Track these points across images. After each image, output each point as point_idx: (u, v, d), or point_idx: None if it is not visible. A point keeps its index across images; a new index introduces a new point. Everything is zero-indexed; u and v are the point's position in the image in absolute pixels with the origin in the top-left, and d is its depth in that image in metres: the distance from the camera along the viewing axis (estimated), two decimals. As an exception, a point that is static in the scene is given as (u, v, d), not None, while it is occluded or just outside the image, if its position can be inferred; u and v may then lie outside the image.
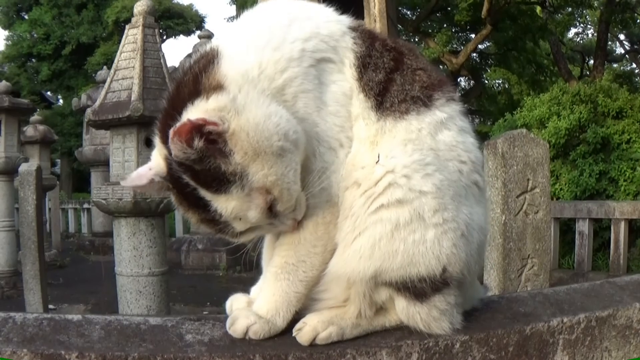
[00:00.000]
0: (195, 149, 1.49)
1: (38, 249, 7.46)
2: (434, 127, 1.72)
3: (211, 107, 1.53)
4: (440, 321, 1.75)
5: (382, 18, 5.60)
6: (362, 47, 1.73)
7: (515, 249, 4.35)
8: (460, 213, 1.68)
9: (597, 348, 2.03)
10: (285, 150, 1.56)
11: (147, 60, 6.92)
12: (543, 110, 12.10)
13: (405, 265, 1.63)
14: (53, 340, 1.65)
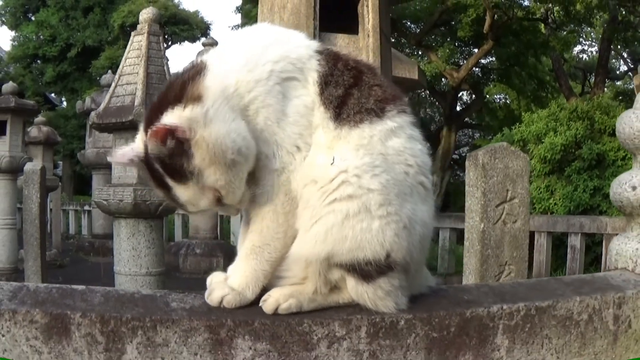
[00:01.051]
0: (167, 148, 1.82)
1: (40, 246, 7.66)
2: (385, 135, 1.98)
3: (186, 115, 1.83)
4: (385, 300, 2.01)
5: (375, 33, 5.75)
6: (326, 67, 2.00)
7: (493, 256, 4.51)
8: (403, 208, 1.94)
9: (537, 335, 2.24)
10: (236, 162, 1.87)
11: (151, 67, 7.11)
12: (540, 126, 12.24)
13: (353, 249, 1.89)
14: (60, 304, 1.95)
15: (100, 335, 1.91)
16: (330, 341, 2.02)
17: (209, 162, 1.83)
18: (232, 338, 1.95)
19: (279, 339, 1.98)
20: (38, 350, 1.90)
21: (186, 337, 1.94)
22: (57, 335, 1.90)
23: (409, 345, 2.07)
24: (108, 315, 1.92)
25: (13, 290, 2.02)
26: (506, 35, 19.16)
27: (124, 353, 1.92)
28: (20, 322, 1.89)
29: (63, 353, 1.90)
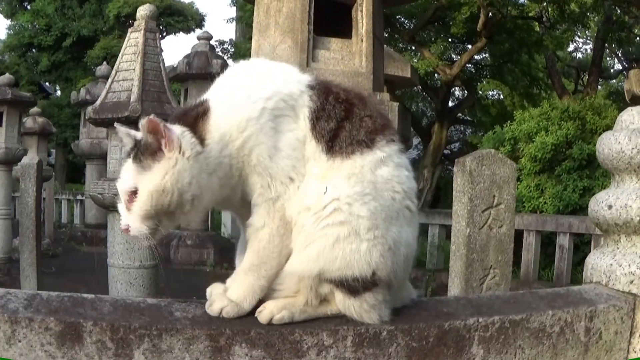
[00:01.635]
0: (148, 137, 2.04)
1: (36, 238, 7.76)
2: (374, 164, 2.12)
3: (186, 139, 2.05)
4: (370, 313, 2.17)
5: (368, 38, 5.84)
6: (317, 102, 2.14)
7: (478, 260, 4.63)
8: (389, 232, 2.10)
9: (510, 345, 2.39)
10: (181, 204, 2.06)
11: (147, 64, 7.20)
12: (531, 125, 12.34)
13: (342, 267, 2.05)
14: (73, 312, 2.09)
15: (110, 342, 2.05)
16: (319, 349, 2.17)
17: (153, 186, 2.02)
18: (230, 345, 2.11)
19: (273, 347, 2.13)
20: (52, 355, 2.03)
21: (189, 344, 2.09)
22: (70, 341, 2.03)
23: (391, 354, 2.22)
24: (118, 324, 2.06)
25: (27, 298, 2.15)
26: (500, 33, 19.20)
27: (131, 358, 2.06)
28: (36, 329, 2.02)
29: (75, 358, 2.04)
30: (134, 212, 2.03)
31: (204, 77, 13.17)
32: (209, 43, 14.05)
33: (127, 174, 2.06)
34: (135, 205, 2.03)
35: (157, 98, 7.28)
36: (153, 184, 2.00)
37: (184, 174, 2.01)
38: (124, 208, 2.07)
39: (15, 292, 2.19)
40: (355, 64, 5.90)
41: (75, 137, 21.17)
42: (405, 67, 12.25)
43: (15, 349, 2.02)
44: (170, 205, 2.03)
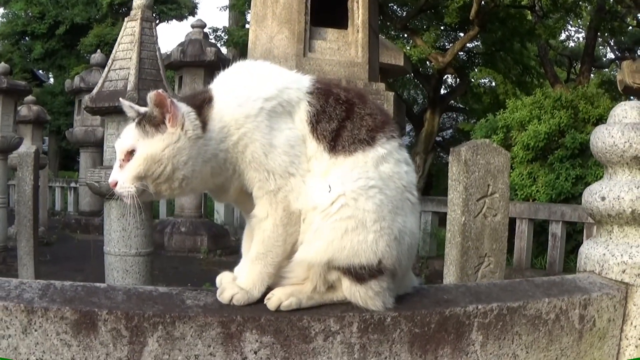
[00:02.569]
0: (153, 109, 2.14)
1: (33, 227, 7.81)
2: (376, 161, 2.23)
3: (192, 116, 2.16)
4: (374, 300, 2.26)
5: (364, 28, 5.89)
6: (317, 106, 2.24)
7: (473, 248, 4.71)
8: (395, 222, 2.19)
9: (508, 332, 2.48)
10: (150, 176, 2.15)
11: (144, 52, 7.25)
12: (524, 113, 12.36)
13: (350, 256, 2.14)
14: (87, 301, 2.17)
15: (125, 330, 2.12)
16: (326, 335, 2.26)
17: (150, 151, 2.12)
18: (241, 332, 2.19)
19: (282, 333, 2.22)
20: (67, 343, 2.10)
21: (201, 331, 2.17)
22: (85, 330, 2.11)
23: (394, 339, 2.32)
24: (132, 312, 2.14)
25: (42, 288, 2.22)
26: (492, 22, 19.21)
27: (145, 345, 2.13)
28: (52, 319, 2.10)
29: (90, 346, 2.11)
30: (126, 170, 2.14)
31: (198, 65, 13.33)
32: (202, 31, 14.04)
33: (128, 135, 2.18)
34: (129, 165, 2.14)
35: (154, 86, 7.29)
36: (151, 151, 2.11)
37: (182, 151, 2.12)
38: (117, 165, 2.18)
39: (29, 282, 2.27)
40: (351, 54, 5.95)
41: (69, 125, 21.11)
42: (398, 55, 12.30)
43: (31, 338, 2.09)
44: (161, 176, 2.13)
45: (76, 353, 2.11)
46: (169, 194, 2.22)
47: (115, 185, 2.16)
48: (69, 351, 2.11)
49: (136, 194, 2.15)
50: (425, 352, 2.36)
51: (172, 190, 2.19)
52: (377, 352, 2.30)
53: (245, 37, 18.87)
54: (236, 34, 20.94)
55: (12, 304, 2.10)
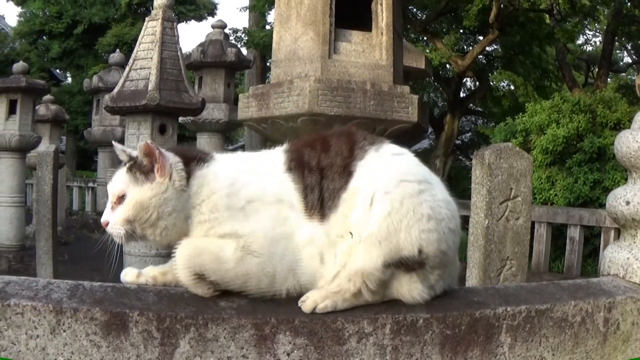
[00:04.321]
0: (143, 159, 2.24)
1: (52, 226, 7.85)
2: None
3: (179, 166, 2.26)
4: (421, 292, 2.29)
5: (388, 31, 5.88)
6: (300, 182, 2.28)
7: (496, 251, 4.71)
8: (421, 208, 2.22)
9: (536, 334, 2.48)
10: (154, 226, 2.25)
11: (165, 52, 7.28)
12: (543, 117, 12.35)
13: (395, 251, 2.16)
14: (118, 302, 2.18)
15: (156, 332, 2.14)
16: (360, 337, 2.26)
17: (140, 198, 2.22)
18: (275, 334, 2.20)
19: (316, 335, 2.23)
20: (97, 344, 2.11)
21: (234, 333, 2.17)
22: (115, 331, 2.12)
23: (426, 340, 2.32)
24: (164, 314, 2.15)
25: (70, 288, 2.23)
26: (511, 25, 19.15)
27: (177, 347, 2.15)
28: (81, 319, 2.11)
29: (121, 347, 2.12)
30: (117, 213, 2.23)
31: (219, 66, 13.25)
32: (223, 31, 13.98)
33: (120, 180, 2.26)
34: (120, 208, 2.23)
35: (175, 87, 7.36)
36: (140, 198, 2.22)
37: (168, 202, 2.22)
38: (109, 206, 2.27)
39: (57, 282, 2.28)
40: (375, 56, 5.95)
41: (87, 125, 21.18)
42: (419, 58, 12.28)
43: (59, 339, 2.10)
44: (147, 222, 2.22)
45: (105, 354, 2.12)
46: (152, 239, 2.30)
47: (106, 225, 2.26)
48: (98, 352, 2.12)
49: (125, 236, 2.25)
50: (456, 354, 2.36)
51: (154, 236, 2.28)
52: (409, 353, 2.31)
53: (266, 38, 18.91)
54: (256, 35, 20.90)
55: (41, 304, 2.12)
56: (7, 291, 2.17)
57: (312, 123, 5.71)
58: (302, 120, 5.71)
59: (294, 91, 5.69)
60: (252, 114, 6.15)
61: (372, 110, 5.72)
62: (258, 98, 6.08)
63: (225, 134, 14.36)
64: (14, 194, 11.47)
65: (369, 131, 5.70)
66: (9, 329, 2.11)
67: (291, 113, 5.73)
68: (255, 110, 6.10)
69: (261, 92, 6.12)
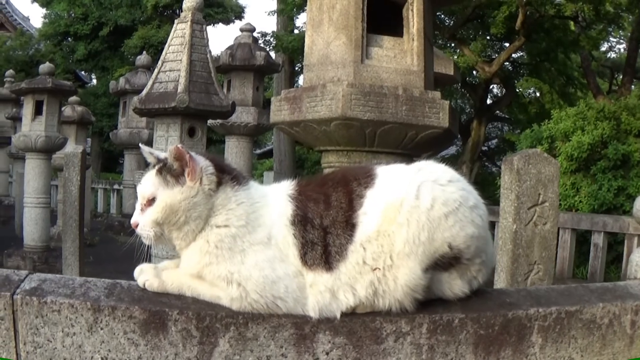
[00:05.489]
0: (173, 162, 2.27)
1: (79, 227, 7.90)
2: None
3: (210, 170, 2.30)
4: (461, 286, 2.36)
5: (419, 37, 5.88)
6: (301, 237, 2.28)
7: (524, 255, 4.73)
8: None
9: (565, 335, 2.51)
10: (168, 223, 2.28)
11: (194, 55, 7.32)
12: (568, 124, 12.31)
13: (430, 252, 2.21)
14: (156, 301, 2.21)
15: (195, 330, 2.17)
16: (397, 336, 2.30)
17: (170, 201, 2.25)
18: (314, 333, 2.23)
19: (355, 334, 2.26)
20: (135, 342, 2.15)
21: (274, 332, 2.21)
22: (154, 329, 2.16)
23: (461, 340, 2.36)
24: (204, 313, 2.19)
25: (107, 287, 2.28)
26: (537, 32, 19.12)
27: (216, 346, 2.18)
28: (119, 318, 2.15)
29: (159, 345, 2.16)
30: (147, 214, 2.26)
31: (247, 69, 13.25)
32: (252, 35, 13.97)
33: (149, 183, 2.29)
34: (150, 210, 2.26)
35: (205, 89, 7.40)
36: (170, 201, 2.25)
37: (197, 207, 2.25)
38: (139, 208, 2.30)
39: (93, 280, 2.32)
40: (407, 62, 5.95)
41: (112, 127, 21.26)
42: (448, 64, 12.24)
43: (96, 337, 2.14)
44: (175, 224, 2.25)
45: (143, 352, 2.15)
46: (175, 242, 2.31)
47: (136, 226, 2.29)
48: (136, 350, 2.15)
49: (154, 238, 2.28)
50: (489, 354, 2.39)
51: (178, 240, 2.30)
52: (444, 352, 2.34)
53: (295, 42, 18.90)
54: (285, 39, 20.88)
55: (78, 301, 2.16)
56: (44, 289, 2.21)
57: (345, 127, 5.73)
58: (335, 124, 5.73)
59: (327, 95, 5.70)
60: (285, 117, 6.16)
61: (404, 115, 5.72)
62: (290, 101, 6.09)
63: (253, 137, 14.35)
64: (39, 195, 11.50)
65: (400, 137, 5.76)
66: (45, 327, 2.15)
67: (324, 117, 5.74)
68: (287, 114, 6.12)
69: (294, 95, 6.13)
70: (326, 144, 6.14)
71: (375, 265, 2.21)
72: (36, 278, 2.30)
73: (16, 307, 2.16)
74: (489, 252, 2.44)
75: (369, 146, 5.89)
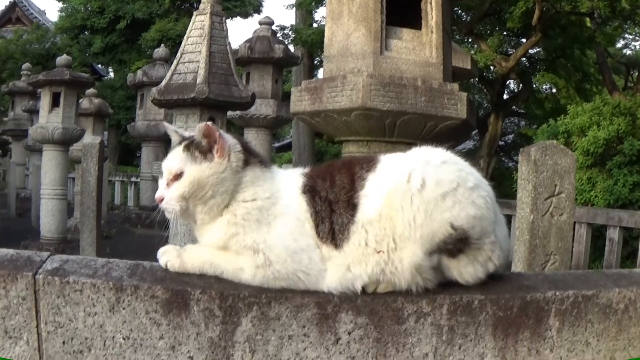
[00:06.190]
0: (201, 138, 2.34)
1: (96, 218, 7.95)
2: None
3: (237, 148, 2.38)
4: (470, 271, 2.36)
5: (438, 30, 5.92)
6: (312, 207, 2.34)
7: (540, 246, 4.77)
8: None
9: (582, 319, 2.52)
10: (196, 197, 2.33)
11: (214, 46, 7.36)
12: (584, 119, 12.31)
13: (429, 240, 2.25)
14: (179, 281, 2.24)
15: (218, 310, 2.19)
16: (418, 316, 2.32)
17: (198, 176, 2.30)
18: (337, 313, 2.26)
19: (376, 314, 2.28)
20: (157, 322, 2.18)
21: (297, 311, 2.23)
22: (176, 309, 2.18)
23: (480, 321, 2.38)
24: (227, 292, 2.21)
25: (130, 267, 2.31)
26: (553, 28, 19.08)
27: (238, 325, 2.20)
28: (142, 297, 2.18)
29: (181, 325, 2.18)
30: (173, 189, 2.31)
31: (266, 62, 13.31)
32: (270, 28, 14.00)
33: (176, 158, 2.34)
34: (176, 185, 2.31)
35: (225, 80, 7.43)
36: (198, 176, 2.30)
37: (224, 182, 2.30)
38: (164, 183, 2.35)
39: (116, 261, 2.36)
40: (426, 54, 5.99)
41: (129, 119, 21.28)
42: (465, 58, 12.25)
43: (118, 316, 2.17)
44: (202, 198, 2.29)
45: (165, 332, 2.18)
46: (199, 216, 2.35)
47: (161, 200, 2.34)
48: (157, 330, 2.17)
49: (179, 212, 2.32)
50: (507, 336, 2.41)
51: (202, 214, 2.33)
52: (464, 334, 2.36)
53: (314, 36, 18.88)
54: (304, 33, 20.82)
55: (100, 281, 2.18)
56: (66, 269, 2.24)
57: (365, 117, 5.77)
58: (356, 114, 5.77)
59: (347, 86, 5.74)
60: (305, 107, 6.21)
61: (423, 106, 5.76)
62: (311, 92, 6.14)
63: (272, 130, 14.42)
64: (56, 187, 11.56)
65: (420, 127, 5.80)
66: (67, 306, 2.18)
67: (344, 107, 5.79)
68: (308, 104, 6.16)
69: (314, 86, 6.18)
70: (346, 134, 6.19)
71: (379, 248, 2.25)
72: (58, 259, 2.33)
73: (38, 287, 2.19)
74: (500, 234, 2.43)
75: (389, 136, 5.92)
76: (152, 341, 2.18)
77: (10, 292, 2.19)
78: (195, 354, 2.19)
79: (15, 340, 2.19)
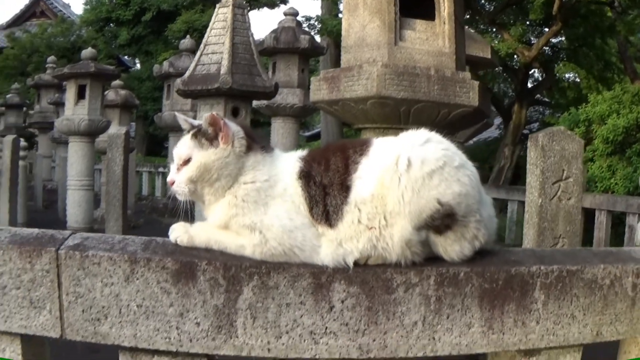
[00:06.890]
0: (208, 127, 2.50)
1: (122, 207, 8.14)
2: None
3: (240, 134, 2.52)
4: (454, 247, 2.50)
5: (450, 20, 6.01)
6: (306, 192, 2.49)
7: (549, 229, 4.94)
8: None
9: (567, 293, 2.63)
10: (203, 180, 2.50)
11: (237, 38, 7.53)
12: (604, 108, 12.38)
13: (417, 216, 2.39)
14: (187, 253, 2.43)
15: (222, 279, 2.37)
16: (407, 287, 2.46)
17: (204, 161, 2.47)
18: (330, 282, 2.41)
19: (367, 284, 2.43)
20: (167, 291, 2.36)
21: (294, 281, 2.39)
22: (184, 279, 2.36)
23: (466, 293, 2.51)
24: (230, 263, 2.39)
25: (144, 242, 2.50)
26: (574, 17, 19.06)
27: (241, 294, 2.37)
28: (153, 268, 2.36)
29: (189, 293, 2.36)
30: (182, 173, 2.49)
31: (292, 52, 13.44)
32: (295, 19, 14.09)
33: (185, 145, 2.53)
34: (185, 169, 2.49)
35: (248, 71, 7.60)
36: (204, 160, 2.46)
37: (228, 166, 2.47)
38: (175, 168, 2.53)
39: (131, 237, 2.55)
40: (439, 44, 6.09)
41: (156, 110, 21.35)
42: (485, 48, 12.29)
43: (132, 286, 2.36)
44: (208, 181, 2.47)
45: (174, 300, 2.35)
46: (206, 197, 2.52)
47: (172, 184, 2.52)
48: (167, 298, 2.35)
49: (188, 193, 2.50)
50: (493, 307, 2.53)
51: (209, 195, 2.51)
52: (451, 304, 2.49)
53: (339, 26, 18.96)
54: (329, 23, 20.92)
55: (117, 254, 2.37)
56: (86, 245, 2.43)
57: (380, 105, 5.88)
58: (371, 102, 5.88)
59: (363, 75, 5.86)
60: (323, 96, 6.32)
61: (436, 94, 5.86)
62: (329, 81, 6.25)
63: (299, 119, 14.50)
64: (82, 178, 11.81)
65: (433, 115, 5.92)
66: (86, 278, 2.36)
67: (361, 96, 5.89)
68: (326, 93, 6.28)
69: (332, 75, 6.29)
70: (363, 121, 6.31)
71: (372, 225, 2.41)
72: (79, 236, 2.51)
73: (60, 261, 2.37)
74: (485, 214, 2.57)
75: (404, 124, 6.02)
76: (162, 308, 2.35)
77: (36, 266, 2.38)
78: (202, 320, 2.36)
79: (39, 310, 2.38)
